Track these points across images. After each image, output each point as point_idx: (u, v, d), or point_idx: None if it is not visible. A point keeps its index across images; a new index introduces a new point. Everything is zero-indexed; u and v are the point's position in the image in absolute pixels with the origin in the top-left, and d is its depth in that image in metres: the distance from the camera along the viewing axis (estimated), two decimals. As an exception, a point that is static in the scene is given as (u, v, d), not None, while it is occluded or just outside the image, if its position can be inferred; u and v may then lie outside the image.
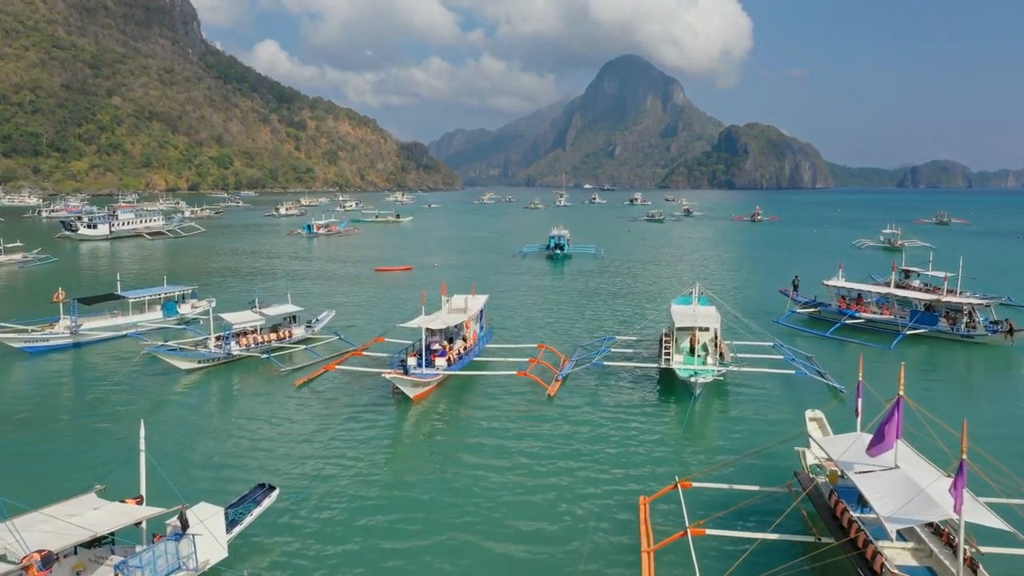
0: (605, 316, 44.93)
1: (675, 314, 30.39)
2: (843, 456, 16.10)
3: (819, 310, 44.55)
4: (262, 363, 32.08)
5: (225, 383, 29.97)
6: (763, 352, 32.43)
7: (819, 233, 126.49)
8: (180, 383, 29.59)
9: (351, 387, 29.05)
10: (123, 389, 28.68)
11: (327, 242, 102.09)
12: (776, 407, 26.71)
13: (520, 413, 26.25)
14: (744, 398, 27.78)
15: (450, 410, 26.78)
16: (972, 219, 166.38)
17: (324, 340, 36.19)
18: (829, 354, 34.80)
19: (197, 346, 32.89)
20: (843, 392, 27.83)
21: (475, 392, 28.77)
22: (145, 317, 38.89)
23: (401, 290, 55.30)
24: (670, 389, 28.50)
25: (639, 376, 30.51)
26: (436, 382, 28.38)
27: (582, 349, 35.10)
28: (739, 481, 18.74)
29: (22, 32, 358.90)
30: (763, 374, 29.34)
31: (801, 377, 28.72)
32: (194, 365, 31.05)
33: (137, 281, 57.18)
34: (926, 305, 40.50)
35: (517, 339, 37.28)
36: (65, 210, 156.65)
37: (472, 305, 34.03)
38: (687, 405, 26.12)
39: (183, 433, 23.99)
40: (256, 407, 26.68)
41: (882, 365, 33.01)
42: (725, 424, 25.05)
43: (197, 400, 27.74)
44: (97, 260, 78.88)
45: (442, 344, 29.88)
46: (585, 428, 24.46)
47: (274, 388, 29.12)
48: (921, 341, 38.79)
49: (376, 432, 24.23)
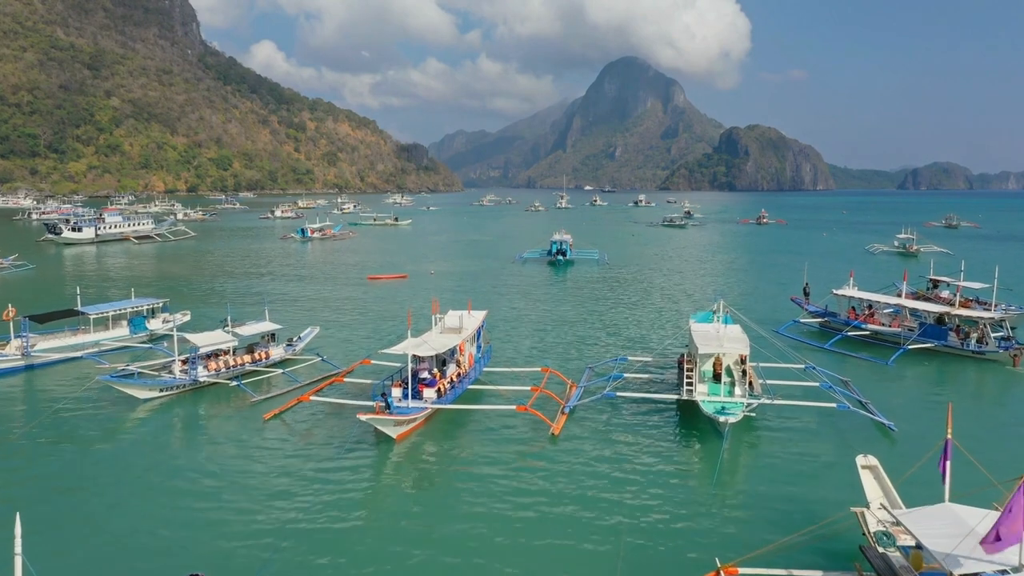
0: (614, 332, 41.35)
1: (697, 336, 26.72)
2: (936, 542, 12.51)
3: (827, 320, 42.06)
4: (232, 391, 28.51)
5: (185, 417, 26.37)
6: (795, 378, 28.81)
7: (828, 237, 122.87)
8: (132, 417, 25.98)
9: (327, 420, 25.51)
10: (65, 425, 24.95)
11: (321, 247, 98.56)
12: (818, 449, 23.05)
13: (519, 455, 22.70)
14: (779, 438, 24.13)
15: (439, 451, 23.23)
16: (981, 222, 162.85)
17: (305, 362, 32.65)
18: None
19: (161, 370, 29.37)
20: (893, 430, 24.25)
21: (469, 427, 25.20)
22: (109, 334, 35.30)
23: (393, 302, 51.74)
24: (693, 427, 24.90)
25: (656, 409, 26.88)
26: (424, 417, 24.83)
27: (590, 372, 31.58)
28: (794, 564, 15.16)
29: (20, 33, 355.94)
30: (798, 407, 25.71)
31: (843, 411, 25.07)
32: (154, 394, 27.49)
33: (114, 291, 53.71)
34: (937, 318, 37.42)
35: (518, 361, 33.70)
36: (57, 212, 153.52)
37: (468, 323, 30.49)
38: (715, 451, 22.50)
39: (113, 498, 19.57)
40: (214, 451, 23.06)
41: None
42: (763, 476, 21.17)
43: (146, 441, 23.93)
44: (78, 266, 75.35)
45: (432, 372, 26.32)
46: (594, 482, 20.70)
47: (240, 423, 25.53)
48: (929, 357, 35.70)
49: (351, 482, 20.63)
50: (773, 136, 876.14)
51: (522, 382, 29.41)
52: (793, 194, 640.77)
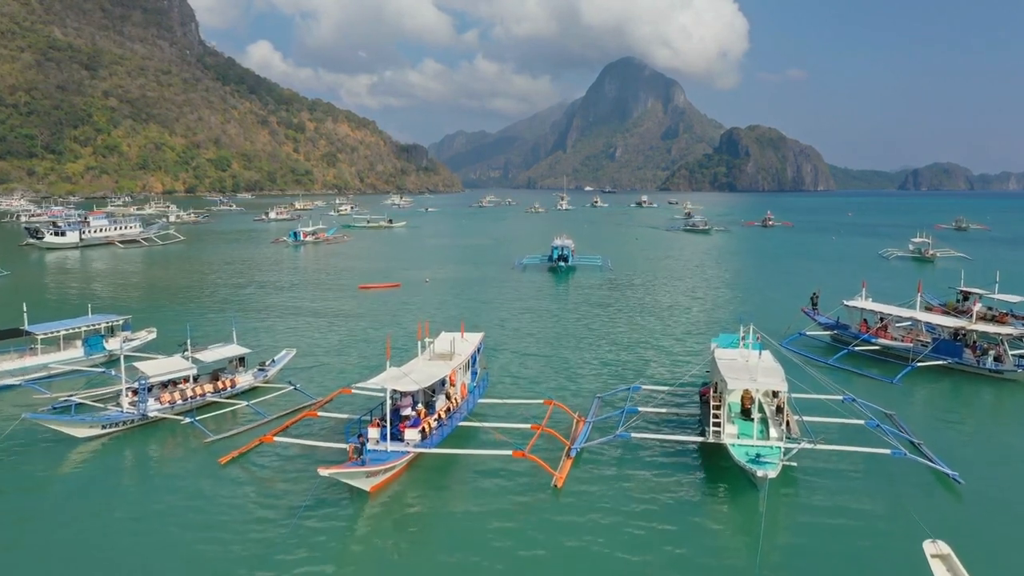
0: (623, 353, 37.62)
1: (723, 367, 23.01)
2: None
3: (837, 333, 38.97)
4: (186, 428, 24.82)
5: (128, 462, 22.67)
6: (832, 412, 25.11)
7: (838, 240, 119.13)
8: (65, 462, 22.28)
9: (293, 465, 21.85)
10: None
11: (314, 251, 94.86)
12: (873, 510, 19.24)
13: (515, 511, 19.11)
14: (823, 492, 20.29)
15: (421, 505, 19.59)
16: (990, 224, 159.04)
17: (276, 390, 28.91)
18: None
19: (108, 402, 25.75)
20: (959, 483, 20.56)
21: (458, 475, 21.53)
22: (60, 356, 31.61)
23: (384, 315, 48.06)
24: (722, 477, 21.15)
25: (677, 452, 23.14)
26: (405, 462, 21.18)
27: (599, 403, 27.91)
28: None
29: (17, 33, 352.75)
30: (841, 452, 21.92)
31: (899, 459, 21.29)
32: (94, 432, 23.83)
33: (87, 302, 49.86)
34: (953, 333, 34.04)
35: (517, 391, 29.93)
36: (47, 215, 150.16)
37: (461, 349, 26.83)
38: (752, 513, 18.77)
39: (32, 572, 16.42)
40: (157, 507, 19.39)
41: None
42: (811, 551, 17.39)
43: (77, 494, 20.19)
44: (58, 274, 71.66)
45: (416, 409, 22.64)
46: (603, 545, 17.18)
47: (192, 469, 21.86)
48: (941, 375, 32.46)
49: (317, 545, 16.96)
50: (773, 136, 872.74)
51: (521, 417, 25.73)
52: (794, 195, 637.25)
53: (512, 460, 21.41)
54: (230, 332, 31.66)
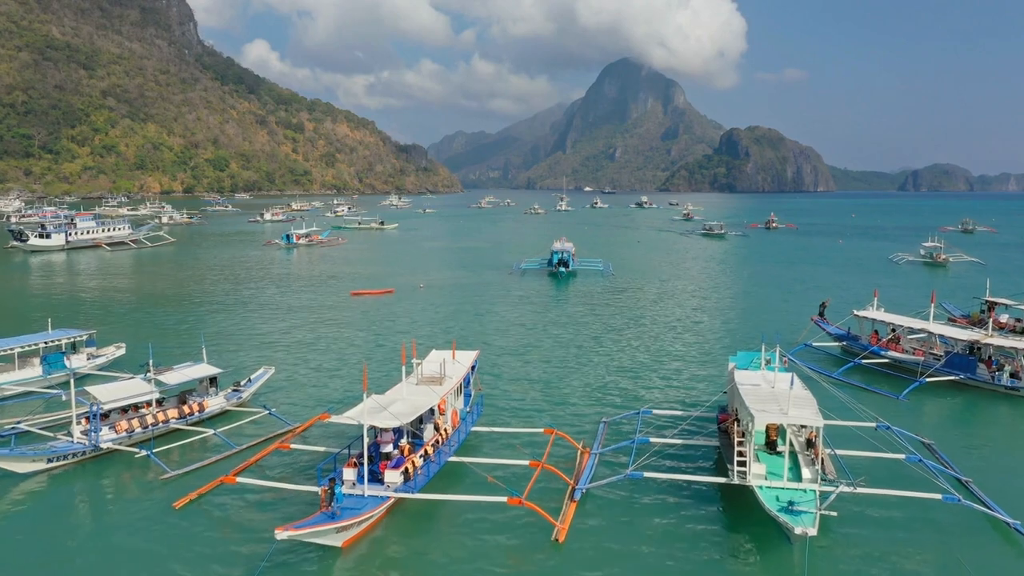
0: (629, 367, 34.98)
1: (747, 395, 20.30)
2: None
3: (847, 344, 37.08)
4: (142, 462, 22.14)
5: (74, 502, 19.99)
6: (863, 444, 22.44)
7: (845, 244, 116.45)
8: (2, 502, 19.66)
9: (255, 512, 19.16)
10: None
11: (306, 254, 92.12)
12: (920, 565, 16.71)
13: (510, 569, 16.48)
14: (865, 545, 17.61)
15: (402, 563, 16.92)
16: (996, 226, 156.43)
17: (250, 416, 26.23)
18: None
19: (58, 431, 23.10)
20: (1020, 532, 17.93)
21: (444, 522, 18.82)
22: (14, 376, 28.96)
23: (374, 325, 45.38)
24: (748, 525, 18.42)
25: (694, 494, 20.44)
26: (385, 509, 18.51)
27: (605, 428, 25.27)
28: None
29: (15, 32, 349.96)
30: (886, 496, 19.21)
31: (951, 504, 18.61)
32: (38, 467, 21.17)
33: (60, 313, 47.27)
34: (968, 346, 31.83)
35: (515, 415, 27.24)
36: (39, 216, 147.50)
37: (452, 371, 24.19)
38: (787, 572, 16.16)
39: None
40: (100, 558, 16.77)
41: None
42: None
43: (5, 541, 17.68)
44: (40, 279, 68.97)
45: (399, 446, 19.95)
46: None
47: (144, 512, 19.17)
48: (951, 391, 30.26)
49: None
50: (773, 137, 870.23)
51: (519, 452, 23.02)
52: (794, 196, 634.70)
53: (508, 507, 18.73)
54: (200, 349, 28.93)
